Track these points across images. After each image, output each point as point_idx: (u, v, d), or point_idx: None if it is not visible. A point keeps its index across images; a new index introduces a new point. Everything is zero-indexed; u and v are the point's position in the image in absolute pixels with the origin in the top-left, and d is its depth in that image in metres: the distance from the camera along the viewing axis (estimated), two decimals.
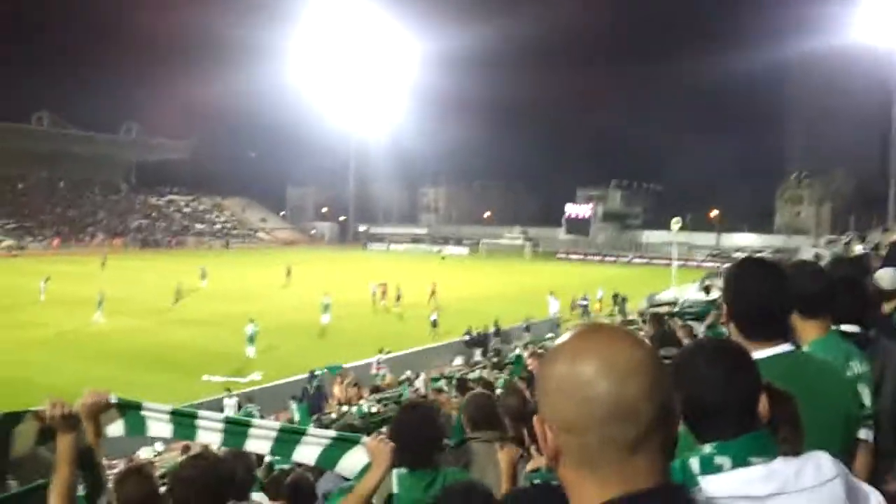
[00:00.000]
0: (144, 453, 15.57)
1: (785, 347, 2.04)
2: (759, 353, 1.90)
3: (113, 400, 2.42)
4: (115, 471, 3.35)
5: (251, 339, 25.74)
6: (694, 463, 1.42)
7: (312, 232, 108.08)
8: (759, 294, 2.03)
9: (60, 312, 32.29)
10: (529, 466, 2.93)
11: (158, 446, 15.50)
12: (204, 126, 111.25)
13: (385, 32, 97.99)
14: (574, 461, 0.95)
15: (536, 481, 2.71)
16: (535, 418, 1.01)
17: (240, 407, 17.49)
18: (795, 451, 1.43)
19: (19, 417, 2.13)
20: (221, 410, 17.37)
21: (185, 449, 14.46)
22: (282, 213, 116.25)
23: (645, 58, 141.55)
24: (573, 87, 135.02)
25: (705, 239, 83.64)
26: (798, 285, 2.30)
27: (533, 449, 3.02)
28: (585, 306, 36.12)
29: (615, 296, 37.27)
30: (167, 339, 27.87)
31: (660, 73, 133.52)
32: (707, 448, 1.44)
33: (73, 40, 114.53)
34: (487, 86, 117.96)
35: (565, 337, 0.99)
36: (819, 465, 1.35)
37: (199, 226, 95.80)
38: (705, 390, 1.49)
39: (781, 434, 1.51)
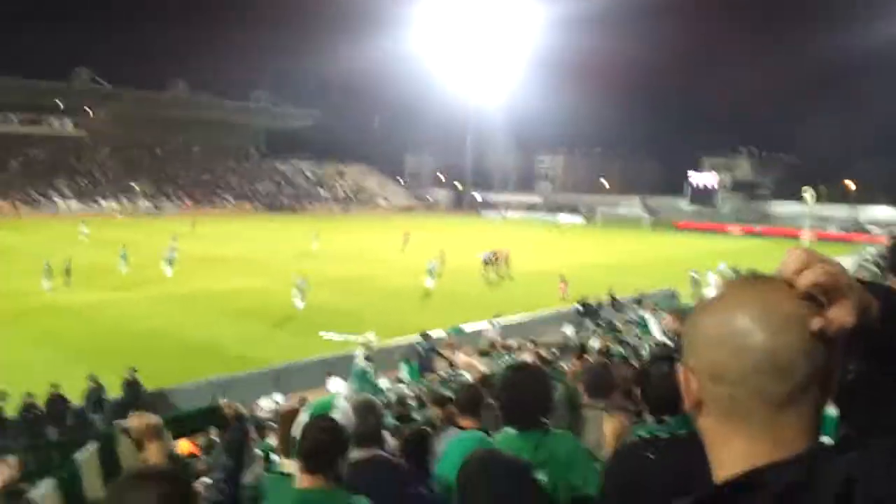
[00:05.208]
0: (265, 402, 16.40)
1: None
2: None
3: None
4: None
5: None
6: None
7: (429, 199, 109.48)
8: None
9: (188, 271, 34.28)
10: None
11: (278, 397, 16.20)
12: (329, 95, 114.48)
13: None
14: (719, 411, 0.92)
15: (641, 433, 2.71)
16: (679, 367, 0.98)
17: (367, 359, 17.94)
18: None
19: (112, 440, 2.28)
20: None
21: (302, 401, 15.12)
22: (400, 180, 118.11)
23: (779, 21, 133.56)
24: (699, 50, 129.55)
25: (839, 211, 78.70)
26: None
27: (645, 413, 3.00)
28: (698, 280, 34.75)
29: (735, 271, 35.55)
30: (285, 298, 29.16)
31: (795, 37, 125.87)
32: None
33: (206, 11, 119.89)
34: (608, 50, 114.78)
35: (722, 289, 0.96)
36: None
37: (322, 191, 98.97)
38: None
39: None
